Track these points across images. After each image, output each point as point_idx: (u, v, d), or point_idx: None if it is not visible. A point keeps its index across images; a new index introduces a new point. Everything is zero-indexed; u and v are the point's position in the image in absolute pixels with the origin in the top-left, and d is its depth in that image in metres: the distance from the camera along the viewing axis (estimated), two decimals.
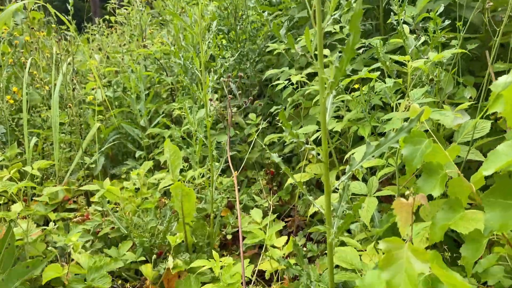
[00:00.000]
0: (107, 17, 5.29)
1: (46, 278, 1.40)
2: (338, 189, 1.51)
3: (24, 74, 2.47)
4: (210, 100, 1.59)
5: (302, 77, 2.04)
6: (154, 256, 1.53)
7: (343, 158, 2.57)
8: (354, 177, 1.89)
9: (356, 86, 1.90)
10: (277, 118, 2.73)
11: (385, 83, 1.67)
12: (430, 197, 1.08)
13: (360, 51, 2.09)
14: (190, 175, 2.05)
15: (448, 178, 1.03)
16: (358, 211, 1.45)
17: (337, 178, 1.96)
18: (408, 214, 0.75)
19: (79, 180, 2.49)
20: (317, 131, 2.02)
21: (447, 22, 1.64)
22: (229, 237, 1.94)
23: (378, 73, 1.66)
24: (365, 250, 1.32)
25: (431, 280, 0.97)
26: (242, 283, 1.18)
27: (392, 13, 1.71)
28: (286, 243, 1.59)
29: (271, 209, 1.47)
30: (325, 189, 1.06)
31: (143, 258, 1.62)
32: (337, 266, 1.47)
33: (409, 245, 0.74)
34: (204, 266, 1.26)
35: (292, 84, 2.18)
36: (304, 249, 1.87)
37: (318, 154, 1.03)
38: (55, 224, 1.78)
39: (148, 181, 2.18)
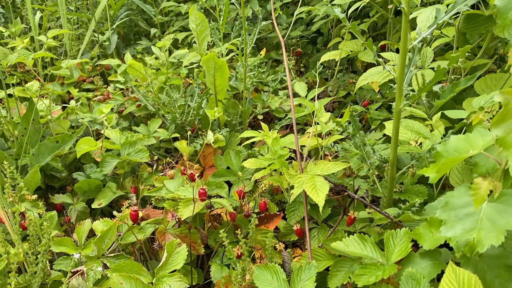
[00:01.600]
0: None
1: (80, 151, 1.33)
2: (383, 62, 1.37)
3: None
4: None
5: None
6: (189, 133, 1.44)
7: (377, 36, 2.37)
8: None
9: None
10: None
11: None
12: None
13: None
14: (216, 51, 1.88)
15: None
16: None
17: (379, 56, 1.80)
18: None
19: (94, 58, 2.32)
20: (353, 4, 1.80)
21: None
22: (260, 117, 1.84)
23: None
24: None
25: None
26: (295, 155, 1.10)
27: None
28: (328, 121, 1.49)
29: (318, 83, 1.34)
30: (401, 47, 0.91)
31: (176, 135, 1.54)
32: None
33: None
34: (254, 136, 1.17)
35: None
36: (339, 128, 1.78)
37: (401, 3, 0.86)
38: (77, 101, 1.66)
39: (168, 60, 2.02)
